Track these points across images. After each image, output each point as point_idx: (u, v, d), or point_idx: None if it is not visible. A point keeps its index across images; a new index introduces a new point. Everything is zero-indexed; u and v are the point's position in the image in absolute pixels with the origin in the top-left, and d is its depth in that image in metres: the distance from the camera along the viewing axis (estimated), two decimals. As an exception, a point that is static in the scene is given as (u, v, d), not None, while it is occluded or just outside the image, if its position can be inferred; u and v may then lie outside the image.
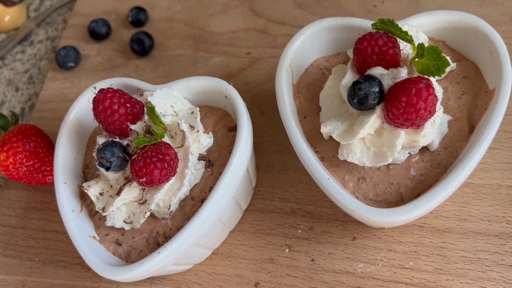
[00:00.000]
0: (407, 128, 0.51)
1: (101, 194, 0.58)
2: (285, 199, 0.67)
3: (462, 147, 0.54)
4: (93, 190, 0.58)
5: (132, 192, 0.56)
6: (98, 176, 0.62)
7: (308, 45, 0.63)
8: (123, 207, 0.58)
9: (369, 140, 0.53)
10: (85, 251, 0.56)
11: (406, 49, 0.54)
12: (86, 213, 0.62)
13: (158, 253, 0.53)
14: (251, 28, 0.83)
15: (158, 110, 0.58)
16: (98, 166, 0.56)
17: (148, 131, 0.56)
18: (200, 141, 0.59)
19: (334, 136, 0.54)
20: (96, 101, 0.55)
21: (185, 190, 0.57)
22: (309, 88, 0.63)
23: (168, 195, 0.57)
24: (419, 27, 0.59)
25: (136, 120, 0.57)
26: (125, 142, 0.57)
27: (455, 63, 0.59)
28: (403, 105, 0.48)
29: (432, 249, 0.59)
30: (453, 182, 0.50)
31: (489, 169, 0.62)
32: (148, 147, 0.53)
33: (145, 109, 0.57)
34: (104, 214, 0.57)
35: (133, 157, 0.54)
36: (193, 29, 0.86)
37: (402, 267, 0.59)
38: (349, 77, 0.54)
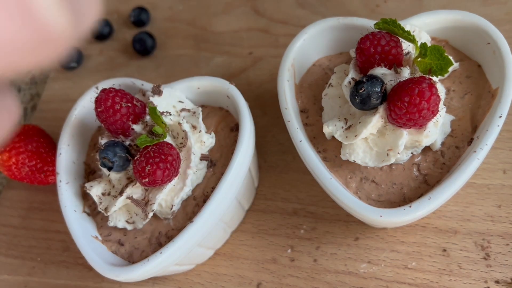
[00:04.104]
0: (410, 128, 0.51)
1: (103, 194, 0.58)
2: (287, 199, 0.67)
3: (465, 147, 0.54)
4: (95, 190, 0.58)
5: (134, 192, 0.56)
6: (100, 176, 0.62)
7: (310, 44, 0.63)
8: (126, 207, 0.58)
9: (371, 140, 0.53)
10: (88, 251, 0.56)
11: (408, 48, 0.54)
12: (89, 213, 0.62)
13: (160, 253, 0.53)
14: (253, 28, 0.83)
15: (160, 110, 0.58)
16: (100, 166, 0.56)
17: (150, 131, 0.56)
18: (202, 141, 0.59)
19: (336, 136, 0.54)
20: (98, 101, 0.55)
21: (187, 190, 0.57)
22: (312, 88, 0.63)
23: (170, 195, 0.56)
24: (422, 27, 0.58)
25: (138, 120, 0.57)
26: (127, 142, 0.57)
27: (458, 63, 0.59)
28: (405, 105, 0.48)
29: (435, 249, 0.59)
30: (456, 182, 0.50)
31: (492, 169, 0.62)
32: (150, 147, 0.53)
33: (147, 109, 0.57)
34: (106, 214, 0.57)
35: (135, 157, 0.53)
36: (195, 29, 0.86)
37: (405, 267, 0.59)
38: (351, 77, 0.54)
